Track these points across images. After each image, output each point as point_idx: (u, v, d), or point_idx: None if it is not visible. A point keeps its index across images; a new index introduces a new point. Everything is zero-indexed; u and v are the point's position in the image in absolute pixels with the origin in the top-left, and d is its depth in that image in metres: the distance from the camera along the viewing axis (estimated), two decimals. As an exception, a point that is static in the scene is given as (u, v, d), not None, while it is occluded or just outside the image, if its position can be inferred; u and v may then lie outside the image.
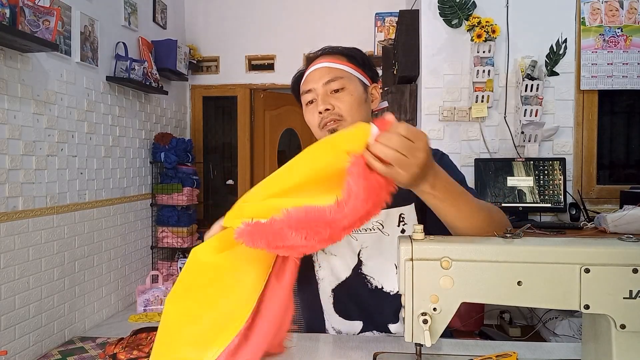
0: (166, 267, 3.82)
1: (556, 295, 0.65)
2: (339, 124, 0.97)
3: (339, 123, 0.97)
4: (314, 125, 1.01)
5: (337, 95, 0.97)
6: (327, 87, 0.97)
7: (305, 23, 4.22)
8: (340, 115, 0.96)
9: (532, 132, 2.44)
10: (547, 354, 0.83)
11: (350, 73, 0.99)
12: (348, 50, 1.03)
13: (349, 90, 0.98)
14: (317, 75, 0.99)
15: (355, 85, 0.99)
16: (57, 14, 2.40)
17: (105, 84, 3.12)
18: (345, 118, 0.96)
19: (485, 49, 2.50)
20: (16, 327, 2.38)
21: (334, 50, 1.03)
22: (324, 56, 1.02)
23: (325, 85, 0.97)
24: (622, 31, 2.51)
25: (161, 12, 3.89)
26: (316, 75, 0.99)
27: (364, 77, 1.02)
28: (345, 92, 0.97)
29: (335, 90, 0.97)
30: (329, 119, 0.96)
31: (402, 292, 0.70)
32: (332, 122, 0.96)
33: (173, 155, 3.66)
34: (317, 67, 1.00)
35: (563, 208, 2.34)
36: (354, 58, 1.02)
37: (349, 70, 0.99)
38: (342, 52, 1.02)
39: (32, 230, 2.48)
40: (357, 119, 0.97)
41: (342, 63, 0.99)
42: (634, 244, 0.65)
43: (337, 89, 0.97)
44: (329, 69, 0.98)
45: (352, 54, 1.02)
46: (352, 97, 0.97)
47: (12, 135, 2.34)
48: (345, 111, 0.96)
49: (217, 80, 4.42)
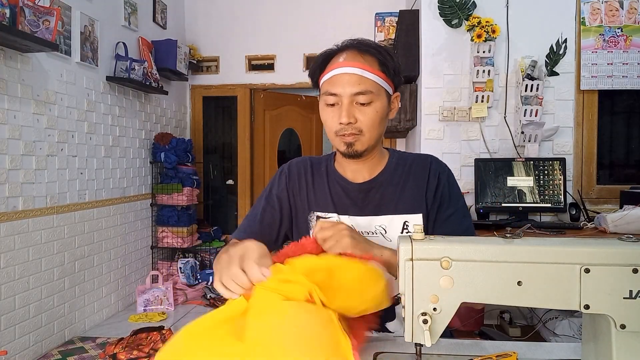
0: (166, 267, 3.82)
1: (556, 295, 0.65)
2: (357, 138, 0.97)
3: (357, 137, 0.97)
4: (330, 129, 1.00)
5: (362, 109, 0.95)
6: (354, 98, 0.95)
7: (305, 23, 4.22)
8: (361, 130, 0.96)
9: (532, 132, 2.44)
10: (547, 354, 0.83)
11: (380, 85, 0.96)
12: (382, 55, 0.97)
13: (375, 106, 0.96)
14: (346, 81, 0.94)
15: (381, 100, 0.97)
16: (57, 14, 2.40)
17: (105, 84, 3.12)
18: (365, 134, 0.97)
19: (485, 49, 2.50)
20: (16, 327, 2.38)
21: (368, 48, 0.97)
22: (356, 54, 0.96)
23: (353, 96, 0.94)
24: (622, 31, 2.51)
25: (161, 12, 3.88)
26: (345, 80, 0.94)
27: (391, 87, 0.99)
28: (371, 108, 0.95)
29: (362, 103, 0.95)
30: (349, 132, 0.96)
31: (402, 292, 0.70)
32: (350, 136, 0.96)
33: (173, 155, 3.66)
34: (349, 71, 0.94)
35: (563, 208, 2.34)
36: (386, 66, 0.97)
37: (380, 81, 0.95)
38: (376, 56, 0.96)
39: (32, 230, 2.48)
40: (375, 135, 0.99)
41: (374, 72, 0.95)
42: (634, 244, 0.65)
43: (363, 102, 0.94)
44: (360, 79, 0.94)
45: (386, 62, 0.97)
46: (376, 113, 0.96)
47: (12, 135, 2.34)
48: (366, 127, 0.96)
49: (217, 80, 4.42)
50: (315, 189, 1.09)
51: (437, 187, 1.03)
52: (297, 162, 1.15)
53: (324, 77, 0.98)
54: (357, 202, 1.05)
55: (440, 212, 1.03)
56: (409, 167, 1.06)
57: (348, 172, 1.08)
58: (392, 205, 1.03)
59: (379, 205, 1.03)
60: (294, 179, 1.11)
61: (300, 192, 1.10)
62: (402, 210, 1.02)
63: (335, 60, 0.97)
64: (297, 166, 1.13)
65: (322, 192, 1.08)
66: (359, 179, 1.06)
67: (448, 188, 1.04)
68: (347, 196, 1.06)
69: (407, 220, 1.01)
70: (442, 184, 1.03)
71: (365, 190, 1.05)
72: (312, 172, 1.11)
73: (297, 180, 1.11)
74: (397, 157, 1.09)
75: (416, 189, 1.03)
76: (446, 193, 1.03)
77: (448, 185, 1.04)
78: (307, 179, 1.11)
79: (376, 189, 1.05)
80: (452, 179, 1.06)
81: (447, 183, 1.04)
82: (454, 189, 1.05)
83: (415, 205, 1.02)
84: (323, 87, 0.99)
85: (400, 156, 1.09)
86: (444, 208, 1.03)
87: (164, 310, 3.32)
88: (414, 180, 1.04)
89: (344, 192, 1.06)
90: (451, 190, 1.04)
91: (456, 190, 1.06)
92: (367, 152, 1.01)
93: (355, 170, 1.07)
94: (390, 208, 1.03)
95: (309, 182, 1.10)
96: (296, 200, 1.10)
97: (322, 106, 1.01)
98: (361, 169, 1.06)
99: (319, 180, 1.10)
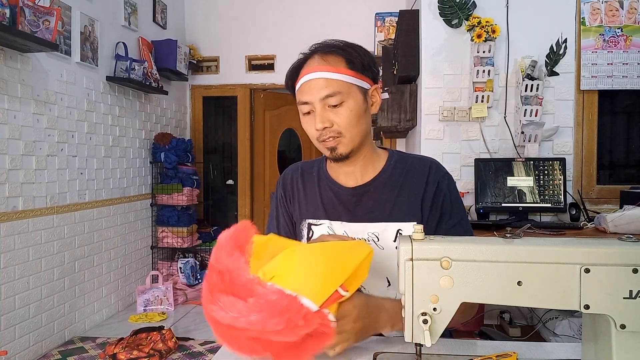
0: (166, 267, 3.82)
1: (556, 295, 0.65)
2: (338, 140, 0.95)
3: (338, 140, 0.95)
4: (312, 137, 0.99)
5: (335, 110, 0.93)
6: (324, 102, 0.93)
7: (305, 23, 4.22)
8: (340, 132, 0.94)
9: (532, 132, 2.44)
10: (547, 354, 0.83)
11: (350, 83, 0.93)
12: (347, 53, 0.94)
13: (348, 105, 0.93)
14: (313, 87, 0.93)
15: (354, 98, 0.94)
16: (57, 14, 2.40)
17: (105, 84, 3.12)
18: (345, 135, 0.95)
19: (485, 49, 2.50)
20: (16, 327, 2.38)
21: (331, 48, 0.95)
22: (320, 57, 0.94)
23: (323, 100, 0.93)
24: (622, 31, 2.51)
25: (161, 12, 3.89)
26: (312, 86, 0.93)
27: (364, 80, 0.96)
28: (344, 107, 0.93)
29: (333, 105, 0.93)
30: (328, 137, 0.95)
31: (402, 292, 0.70)
32: (331, 140, 0.95)
33: (173, 155, 3.66)
34: (313, 77, 0.93)
35: (563, 208, 2.34)
36: (353, 63, 0.94)
37: (348, 79, 0.93)
38: (340, 54, 0.94)
39: (32, 230, 2.48)
40: (357, 134, 0.96)
41: (340, 71, 0.92)
42: (634, 244, 0.65)
43: (335, 104, 0.92)
44: (326, 82, 0.92)
45: (352, 58, 0.94)
46: (351, 112, 0.93)
47: (12, 135, 2.34)
48: (344, 128, 0.94)
49: (217, 80, 4.42)
50: (307, 195, 1.07)
51: (435, 196, 0.99)
52: (289, 170, 1.14)
53: (296, 87, 0.98)
54: (349, 208, 1.02)
55: (443, 222, 0.99)
56: (406, 172, 1.02)
57: (341, 176, 1.05)
58: (386, 212, 0.99)
59: (372, 211, 1.00)
60: (287, 190, 1.10)
61: (293, 201, 1.09)
62: (396, 218, 0.99)
63: (303, 68, 0.96)
64: (289, 175, 1.12)
65: (313, 199, 1.06)
66: (351, 183, 1.03)
67: (450, 197, 1.00)
68: (339, 201, 1.03)
69: (401, 228, 0.98)
70: (442, 192, 1.00)
71: (358, 194, 1.02)
72: (303, 179, 1.10)
73: (290, 190, 1.10)
74: (396, 159, 1.05)
75: (412, 196, 0.99)
76: (448, 203, 1.00)
77: (449, 194, 1.00)
78: (297, 187, 1.09)
79: (370, 193, 1.01)
80: (452, 185, 1.02)
81: (448, 191, 1.00)
82: (456, 198, 1.02)
83: (411, 213, 0.99)
84: (297, 97, 0.98)
85: (399, 159, 1.05)
86: (445, 218, 0.99)
87: (164, 310, 3.32)
88: (410, 186, 1.00)
89: (335, 197, 1.04)
90: (453, 200, 1.01)
91: (457, 199, 1.02)
92: (354, 153, 0.98)
93: (347, 172, 1.04)
94: (384, 215, 0.99)
95: (300, 190, 1.09)
96: (292, 210, 1.09)
97: (300, 116, 0.99)
98: (353, 171, 1.03)
99: (310, 186, 1.08)
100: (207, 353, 2.62)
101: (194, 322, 3.13)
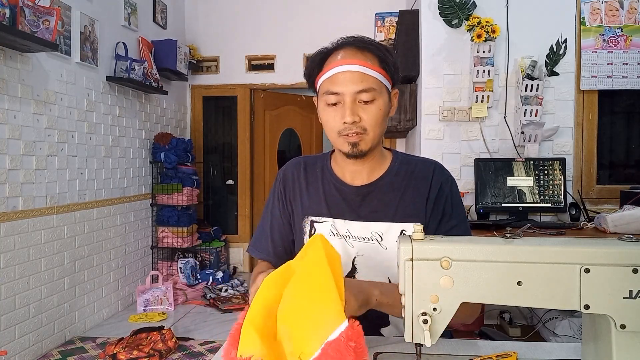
0: (166, 267, 3.82)
1: (556, 295, 0.65)
2: (362, 137, 0.94)
3: (362, 137, 0.94)
4: (332, 130, 0.96)
5: (365, 107, 0.92)
6: (357, 96, 0.92)
7: (305, 23, 4.22)
8: (365, 129, 0.94)
9: (532, 132, 2.44)
10: (547, 354, 0.83)
11: (382, 83, 0.94)
12: (382, 52, 0.94)
13: (378, 104, 0.93)
14: (348, 79, 0.91)
15: (383, 98, 0.94)
16: (57, 14, 2.40)
17: (105, 84, 3.12)
18: (369, 133, 0.94)
19: (485, 49, 2.50)
20: (16, 327, 2.38)
21: (367, 45, 0.94)
22: (355, 51, 0.93)
23: (356, 94, 0.92)
24: (622, 31, 2.51)
25: (161, 12, 3.89)
26: (347, 78, 0.91)
27: (390, 84, 0.97)
28: (375, 106, 0.93)
29: (365, 101, 0.92)
30: (353, 132, 0.93)
31: (402, 292, 0.70)
32: (355, 136, 0.94)
33: (173, 155, 3.66)
34: (350, 69, 0.91)
35: (563, 208, 2.34)
36: (386, 63, 0.94)
37: (381, 79, 0.93)
38: (375, 52, 0.94)
39: (32, 230, 2.48)
40: (379, 132, 0.96)
41: (376, 69, 0.92)
42: (634, 244, 0.65)
43: (366, 100, 0.92)
44: (363, 76, 0.91)
45: (386, 58, 0.94)
46: (380, 111, 0.93)
47: (12, 135, 2.34)
48: (370, 126, 0.94)
49: (217, 80, 4.42)
50: (310, 192, 1.06)
51: (437, 197, 1.00)
52: (291, 165, 1.12)
53: (323, 76, 0.95)
54: (353, 206, 1.02)
55: (443, 223, 1.00)
56: (410, 173, 1.02)
57: (346, 174, 1.04)
58: (390, 212, 1.00)
59: (377, 211, 1.00)
60: (289, 185, 1.09)
61: (295, 197, 1.08)
62: (400, 218, 0.99)
63: (333, 58, 0.94)
64: (291, 170, 1.11)
65: (316, 195, 1.05)
66: (357, 182, 1.03)
67: (451, 199, 1.01)
68: (343, 199, 1.03)
69: (405, 228, 0.98)
70: (444, 194, 1.01)
71: (363, 194, 1.02)
72: (306, 175, 1.08)
73: (291, 185, 1.09)
74: (400, 161, 1.05)
75: (417, 197, 1.00)
76: (449, 204, 1.01)
77: (451, 196, 1.01)
78: (300, 183, 1.08)
79: (375, 193, 1.01)
80: (455, 188, 1.03)
81: (451, 193, 1.02)
82: (457, 201, 1.03)
83: (414, 213, 0.99)
84: (322, 86, 0.96)
85: (403, 160, 1.05)
86: (446, 219, 1.00)
87: (164, 310, 3.32)
88: (415, 187, 1.01)
89: (339, 195, 1.03)
90: (454, 202, 1.01)
91: (459, 202, 1.03)
92: (370, 151, 0.98)
93: (354, 171, 1.03)
94: (388, 215, 1.00)
95: (303, 186, 1.07)
96: (293, 206, 1.08)
97: (322, 106, 0.97)
98: (361, 170, 1.02)
99: (313, 182, 1.07)
100: (207, 353, 2.62)
101: (194, 322, 3.13)
